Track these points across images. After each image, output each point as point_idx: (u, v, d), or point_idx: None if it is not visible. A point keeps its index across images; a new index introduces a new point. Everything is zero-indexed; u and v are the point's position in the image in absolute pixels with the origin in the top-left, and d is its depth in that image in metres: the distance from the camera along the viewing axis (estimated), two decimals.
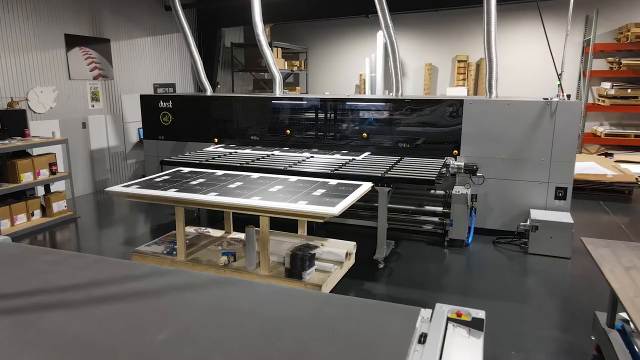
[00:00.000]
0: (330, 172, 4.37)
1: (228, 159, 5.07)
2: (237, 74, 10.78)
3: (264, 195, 3.58)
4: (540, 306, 3.68)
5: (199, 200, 3.55)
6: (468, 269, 4.41)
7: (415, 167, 4.57)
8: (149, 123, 6.56)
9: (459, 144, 5.15)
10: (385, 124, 5.48)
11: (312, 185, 3.95)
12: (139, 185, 3.94)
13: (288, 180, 4.13)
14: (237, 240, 4.30)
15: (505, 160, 5.00)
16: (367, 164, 4.76)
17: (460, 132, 5.12)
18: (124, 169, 7.83)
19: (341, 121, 5.67)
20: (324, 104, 5.70)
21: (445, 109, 5.18)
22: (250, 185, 3.93)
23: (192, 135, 6.32)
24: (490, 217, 5.17)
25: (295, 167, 4.59)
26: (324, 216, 3.21)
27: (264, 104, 6.00)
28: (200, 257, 3.92)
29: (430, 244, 5.07)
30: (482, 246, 4.95)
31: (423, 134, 5.33)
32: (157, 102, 6.41)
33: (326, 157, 5.13)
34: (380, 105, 5.51)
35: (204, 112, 6.22)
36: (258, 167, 4.64)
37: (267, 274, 3.58)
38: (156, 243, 4.21)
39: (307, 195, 3.59)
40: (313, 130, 5.81)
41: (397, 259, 4.60)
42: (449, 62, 10.73)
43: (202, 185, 3.96)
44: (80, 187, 7.03)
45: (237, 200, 3.46)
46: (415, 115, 5.33)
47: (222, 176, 4.33)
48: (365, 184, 3.98)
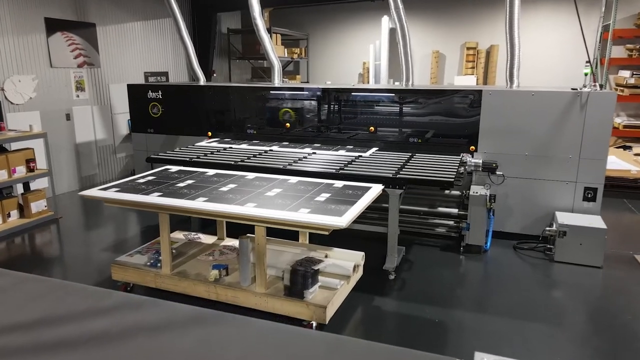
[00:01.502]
0: (335, 172, 3.89)
1: (221, 155, 4.59)
2: (234, 61, 10.25)
3: (260, 201, 3.11)
4: (575, 328, 3.22)
5: (185, 207, 3.08)
6: (488, 280, 3.96)
7: (430, 166, 4.09)
8: (137, 115, 6.07)
9: (476, 139, 4.67)
10: (395, 117, 4.99)
11: (314, 188, 3.47)
12: (119, 188, 3.47)
13: (288, 182, 3.65)
14: (230, 249, 3.84)
15: (528, 157, 4.52)
16: (375, 161, 4.28)
17: (478, 125, 4.63)
18: (113, 164, 7.35)
19: (346, 113, 5.18)
20: (327, 94, 5.20)
21: (461, 100, 4.68)
22: (244, 188, 3.46)
23: (184, 129, 5.83)
24: (510, 220, 4.70)
25: (296, 166, 4.11)
26: (329, 228, 2.75)
27: (261, 95, 5.51)
28: (188, 270, 3.46)
29: (444, 249, 4.60)
30: (501, 252, 4.49)
31: (436, 128, 4.84)
32: (146, 92, 5.91)
33: (330, 154, 4.65)
34: (389, 96, 5.01)
35: (197, 103, 5.72)
36: (254, 165, 4.16)
37: (263, 291, 3.12)
38: (139, 252, 3.75)
39: (309, 201, 3.12)
40: (315, 123, 5.32)
41: (409, 268, 4.14)
42: (457, 49, 10.19)
43: (190, 188, 3.49)
44: (64, 184, 6.55)
45: (228, 208, 2.99)
46: (427, 107, 4.83)
47: (213, 177, 3.85)
48: (375, 187, 3.51)
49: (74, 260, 4.46)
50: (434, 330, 3.18)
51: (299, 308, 3.00)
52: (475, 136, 4.66)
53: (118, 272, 3.54)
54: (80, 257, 4.52)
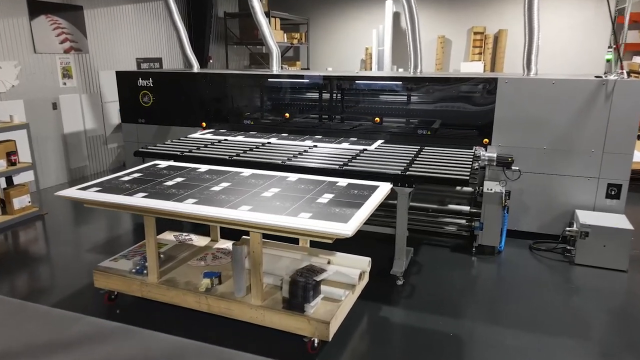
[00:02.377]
0: (338, 169, 3.56)
1: (215, 149, 4.25)
2: (231, 47, 9.84)
3: (255, 204, 2.79)
4: (602, 341, 2.92)
5: (171, 210, 2.75)
6: (504, 285, 3.65)
7: (441, 161, 3.76)
8: (127, 104, 5.71)
9: (490, 131, 4.33)
10: (402, 107, 4.64)
11: (316, 187, 3.14)
12: (100, 188, 3.14)
13: (287, 180, 3.33)
14: (225, 252, 3.53)
15: (547, 151, 4.19)
16: (381, 156, 3.94)
17: (493, 116, 4.29)
18: (104, 155, 7.01)
19: (349, 103, 4.83)
20: (329, 82, 4.84)
21: (474, 89, 4.33)
22: (239, 188, 3.13)
23: (176, 119, 5.48)
24: (526, 218, 4.38)
25: (296, 161, 3.78)
26: (333, 237, 2.42)
27: (259, 82, 5.15)
28: (177, 278, 3.14)
29: (454, 249, 4.29)
30: (517, 253, 4.18)
31: (446, 119, 4.49)
32: (136, 80, 5.55)
33: (332, 147, 4.31)
34: (396, 84, 4.66)
35: (190, 91, 5.36)
36: (250, 160, 3.83)
37: (259, 303, 2.81)
38: (125, 256, 3.44)
39: (310, 203, 2.79)
40: (316, 114, 4.97)
41: (418, 272, 3.83)
42: (463, 34, 9.78)
43: (179, 187, 3.16)
44: (52, 177, 6.22)
45: (220, 212, 2.66)
46: (437, 96, 4.48)
47: (205, 174, 3.52)
48: (383, 186, 3.18)
49: (57, 262, 4.15)
50: (447, 344, 2.88)
51: (299, 323, 2.70)
52: (489, 128, 4.32)
53: (101, 279, 3.23)
54: (65, 258, 4.21)
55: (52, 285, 3.70)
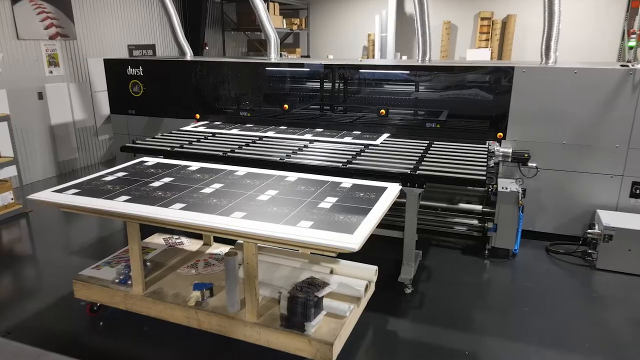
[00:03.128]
0: (341, 167, 3.26)
1: (208, 143, 3.95)
2: (228, 33, 9.47)
3: (250, 209, 2.49)
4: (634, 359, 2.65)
5: (155, 218, 2.45)
6: (522, 293, 3.36)
7: (453, 157, 3.45)
8: (116, 94, 5.38)
9: (504, 125, 4.01)
10: (409, 98, 4.32)
11: (318, 189, 2.84)
12: (78, 190, 2.84)
13: (285, 180, 3.02)
14: (218, 259, 3.24)
15: (566, 147, 3.88)
16: (388, 152, 3.64)
17: (508, 109, 3.97)
18: (94, 147, 6.70)
19: (352, 93, 4.50)
20: (330, 71, 4.51)
21: (488, 79, 4.01)
22: (232, 190, 2.83)
23: (168, 110, 5.16)
24: (542, 218, 4.09)
25: (295, 158, 3.47)
26: (336, 251, 2.13)
27: (255, 71, 4.82)
28: (165, 289, 2.86)
29: (466, 252, 4.01)
30: (533, 256, 3.89)
31: (457, 111, 4.17)
32: (125, 68, 5.21)
33: (334, 142, 4.00)
34: (404, 73, 4.33)
35: (183, 81, 5.03)
36: (246, 157, 3.52)
37: (255, 320, 2.53)
38: (109, 263, 3.15)
39: (311, 209, 2.50)
40: (317, 105, 4.65)
41: (428, 278, 3.55)
42: (470, 19, 9.40)
43: (166, 189, 2.86)
44: (38, 171, 5.92)
45: (209, 220, 2.36)
46: (447, 86, 4.16)
47: (196, 172, 3.21)
48: (392, 187, 2.88)
49: (40, 266, 3.87)
50: None
51: (299, 343, 2.42)
52: (504, 121, 4.00)
53: (81, 290, 2.94)
54: (48, 260, 3.93)
55: (33, 292, 3.41)
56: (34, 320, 3.02)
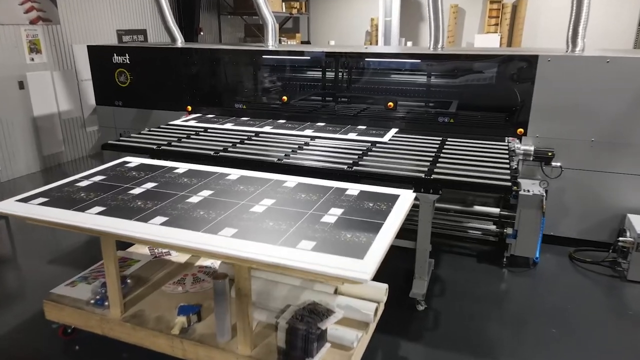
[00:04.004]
0: (346, 170, 2.90)
1: (199, 140, 3.58)
2: (224, 17, 9.01)
3: (242, 224, 2.14)
4: None
5: (129, 236, 2.10)
6: (547, 310, 3.02)
7: (470, 157, 3.08)
8: (101, 84, 4.99)
9: (526, 120, 3.64)
10: (420, 90, 3.94)
11: (320, 197, 2.48)
12: (47, 198, 2.47)
13: (283, 186, 2.66)
14: (209, 272, 2.89)
15: (595, 144, 3.51)
16: (397, 151, 3.27)
17: (530, 102, 3.59)
18: (82, 139, 6.32)
19: (357, 84, 4.12)
20: (333, 60, 4.12)
21: (508, 69, 3.62)
22: (223, 198, 2.47)
23: (158, 102, 4.78)
24: (565, 222, 3.74)
25: (294, 158, 3.11)
26: (344, 281, 1.78)
27: (252, 60, 4.42)
28: (147, 311, 2.51)
29: (481, 259, 3.66)
30: (555, 265, 3.55)
31: (473, 104, 3.80)
32: (111, 56, 4.81)
33: (337, 138, 3.63)
34: (415, 63, 3.94)
35: (173, 70, 4.63)
36: (240, 157, 3.16)
37: (248, 353, 2.19)
38: (85, 279, 2.81)
39: (313, 224, 2.14)
40: (318, 97, 4.26)
41: (442, 292, 3.21)
42: (478, 3, 8.95)
43: (147, 198, 2.49)
44: (21, 166, 5.55)
45: (193, 239, 2.01)
46: (463, 77, 3.77)
47: (183, 176, 2.85)
48: (404, 195, 2.52)
49: (16, 275, 3.54)
50: None
51: None
52: (526, 115, 3.63)
53: (52, 311, 2.60)
54: (25, 269, 3.59)
55: (2, 307, 3.07)
56: (1, 341, 2.70)
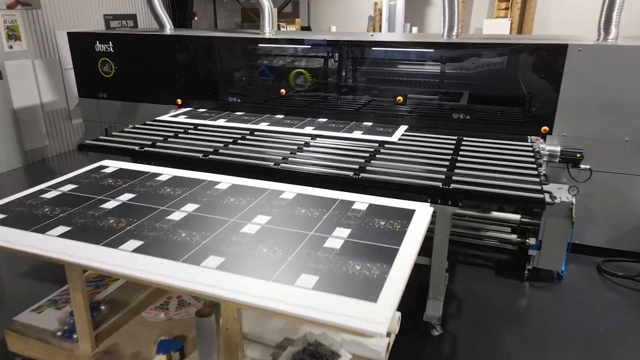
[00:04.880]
0: (352, 177, 2.54)
1: (188, 140, 3.21)
2: (220, 1, 8.56)
3: (230, 251, 1.79)
4: None
5: (93, 267, 1.75)
6: (575, 331, 2.69)
7: (492, 161, 2.72)
8: (84, 74, 4.60)
9: (551, 117, 3.27)
10: (433, 82, 3.56)
11: (323, 212, 2.13)
12: (4, 215, 2.12)
13: (280, 198, 2.30)
14: (196, 297, 2.54)
15: (629, 145, 3.15)
16: (409, 153, 2.91)
17: (557, 96, 3.21)
18: (68, 132, 5.95)
19: (362, 76, 3.74)
20: (337, 49, 3.73)
21: (532, 60, 3.24)
22: (209, 214, 2.12)
23: (145, 94, 4.39)
24: (593, 230, 3.39)
25: (293, 162, 2.75)
26: (354, 333, 1.44)
27: (247, 48, 4.03)
28: (122, 345, 2.17)
29: (499, 271, 3.33)
30: (583, 278, 3.22)
31: (492, 99, 3.43)
32: (93, 44, 4.41)
33: (341, 137, 3.27)
34: (426, 52, 3.55)
35: (161, 59, 4.24)
36: (232, 161, 2.80)
37: None
38: (55, 302, 2.46)
39: (315, 250, 1.80)
40: (320, 89, 3.88)
41: (458, 311, 2.87)
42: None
43: (121, 213, 2.14)
44: (1, 162, 5.19)
45: (170, 273, 1.66)
46: (480, 68, 3.39)
47: (166, 185, 2.49)
48: (421, 210, 2.16)
49: None
50: None
51: None
52: (551, 112, 3.26)
53: (16, 343, 2.27)
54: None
55: None
56: None
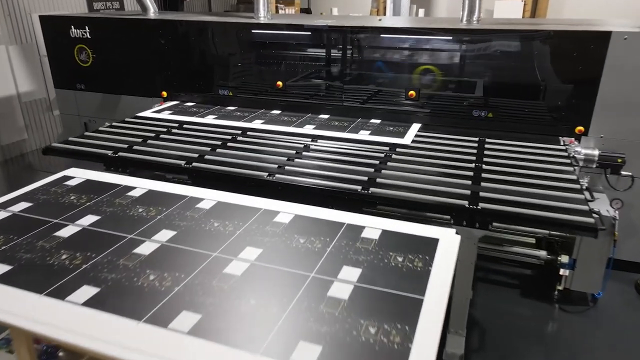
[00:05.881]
0: (360, 192, 2.13)
1: (169, 142, 2.79)
2: None
3: (209, 303, 1.39)
4: None
5: (32, 331, 1.36)
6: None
7: (523, 169, 2.31)
8: (59, 63, 4.16)
9: (588, 115, 2.84)
10: (451, 74, 3.13)
11: (326, 244, 1.72)
12: None
13: (274, 222, 1.89)
14: None
15: None
16: (424, 159, 2.49)
17: (595, 92, 2.79)
18: (49, 124, 5.52)
19: (370, 67, 3.31)
20: (340, 36, 3.28)
21: (568, 49, 2.80)
22: (187, 246, 1.72)
23: (127, 86, 3.96)
24: (632, 243, 3.00)
25: (291, 172, 2.34)
26: None
27: (239, 35, 3.59)
28: None
29: (525, 290, 2.94)
30: (620, 300, 2.84)
31: (518, 95, 3.00)
32: (68, 28, 3.96)
33: (345, 139, 2.85)
34: (443, 40, 3.11)
35: (144, 46, 3.80)
36: (219, 169, 2.39)
37: None
38: (8, 342, 2.08)
39: (317, 302, 1.41)
40: (321, 82, 3.45)
41: (481, 344, 2.50)
42: None
43: (79, 243, 1.74)
44: None
45: (128, 340, 1.26)
46: (506, 58, 2.96)
47: (139, 203, 2.08)
48: (447, 239, 1.76)
49: None
50: None
51: None
52: (588, 110, 2.83)
53: None
54: None
55: None
56: None
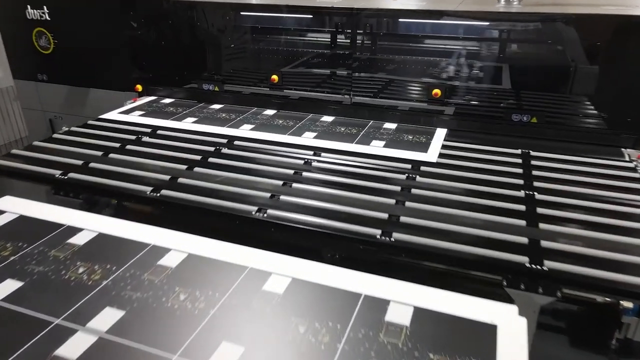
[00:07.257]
0: (379, 239, 1.59)
1: (135, 159, 2.24)
2: None
3: None
4: None
5: None
6: None
7: (588, 202, 1.78)
8: (16, 49, 3.58)
9: None
10: (482, 70, 2.56)
11: (337, 338, 1.18)
12: None
13: (263, 291, 1.36)
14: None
15: None
16: (457, 185, 1.95)
17: None
18: (17, 116, 4.95)
19: (384, 60, 2.74)
20: (348, 20, 2.70)
21: (635, 39, 2.24)
22: (136, 344, 1.17)
23: (96, 77, 3.39)
24: None
25: (284, 207, 1.79)
26: None
27: (227, 19, 3.00)
28: None
29: (576, 340, 2.40)
30: None
31: (569, 96, 2.44)
32: (23, 8, 3.36)
33: (355, 154, 2.30)
34: (476, 27, 2.53)
35: (115, 32, 3.20)
36: (195, 201, 1.84)
37: None
38: None
39: None
40: (324, 76, 2.88)
41: None
42: None
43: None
44: None
45: None
46: (555, 50, 2.39)
47: (79, 257, 1.53)
48: (507, 322, 1.23)
49: None
50: None
51: None
52: None
53: None
54: None
55: None
56: None
